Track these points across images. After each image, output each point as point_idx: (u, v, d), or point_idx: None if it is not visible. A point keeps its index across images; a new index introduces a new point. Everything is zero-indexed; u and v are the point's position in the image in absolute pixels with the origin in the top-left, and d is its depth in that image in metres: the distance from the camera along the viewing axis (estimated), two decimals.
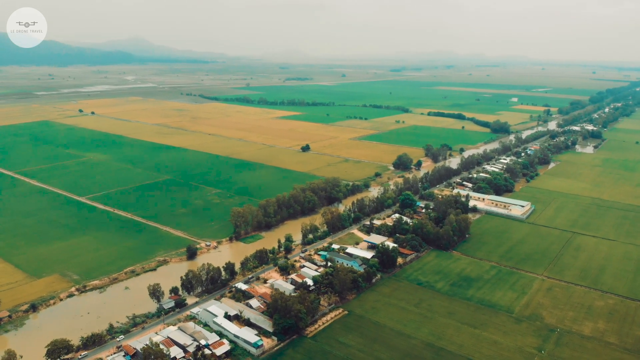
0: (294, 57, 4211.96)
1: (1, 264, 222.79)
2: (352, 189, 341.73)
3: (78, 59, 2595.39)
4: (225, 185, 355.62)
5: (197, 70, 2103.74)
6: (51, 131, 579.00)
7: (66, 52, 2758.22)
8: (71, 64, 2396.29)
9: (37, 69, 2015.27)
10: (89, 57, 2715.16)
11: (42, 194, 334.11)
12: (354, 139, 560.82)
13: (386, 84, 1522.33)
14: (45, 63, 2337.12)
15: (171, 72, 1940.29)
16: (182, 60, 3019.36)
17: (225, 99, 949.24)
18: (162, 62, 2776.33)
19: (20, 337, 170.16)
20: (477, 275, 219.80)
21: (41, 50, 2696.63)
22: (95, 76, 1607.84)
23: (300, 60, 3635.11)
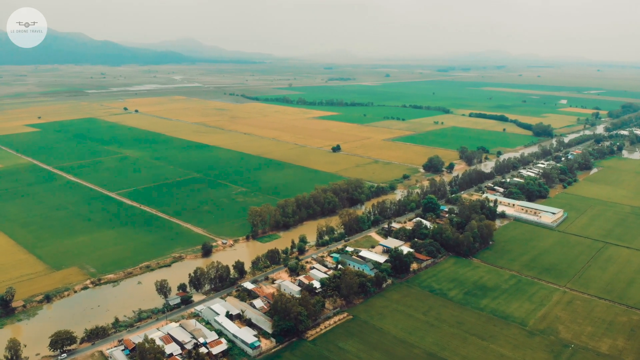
0: (341, 57, 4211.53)
1: (25, 255, 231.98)
2: (377, 191, 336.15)
3: (131, 59, 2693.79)
4: (252, 184, 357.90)
5: (243, 70, 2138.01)
6: (95, 128, 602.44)
7: (120, 52, 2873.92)
8: (124, 63, 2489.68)
9: (92, 67, 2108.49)
10: (142, 57, 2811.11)
11: (75, 188, 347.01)
12: (387, 139, 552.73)
13: (431, 84, 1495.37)
14: (100, 62, 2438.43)
15: (218, 72, 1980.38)
16: (231, 61, 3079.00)
17: (266, 99, 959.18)
18: (211, 63, 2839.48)
19: (30, 327, 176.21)
20: (494, 284, 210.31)
21: (97, 50, 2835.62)
22: (145, 75, 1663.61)
23: (347, 61, 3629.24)
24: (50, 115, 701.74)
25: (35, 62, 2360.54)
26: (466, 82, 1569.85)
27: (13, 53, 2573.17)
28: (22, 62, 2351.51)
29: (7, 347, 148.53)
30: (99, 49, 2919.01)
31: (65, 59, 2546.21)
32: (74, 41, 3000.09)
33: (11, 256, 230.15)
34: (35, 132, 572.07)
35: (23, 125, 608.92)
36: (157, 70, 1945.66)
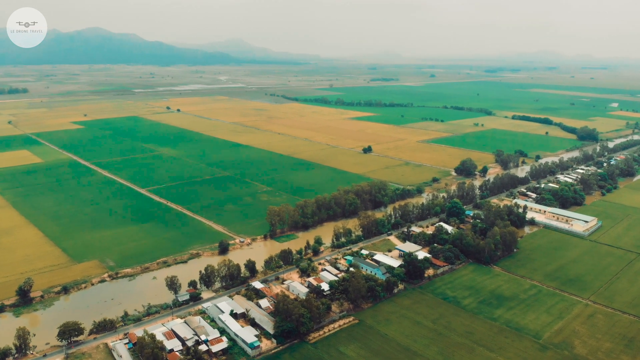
0: (387, 58, 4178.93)
1: (50, 247, 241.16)
2: (402, 194, 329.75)
3: (180, 60, 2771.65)
4: (278, 184, 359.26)
5: (287, 71, 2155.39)
6: (136, 126, 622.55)
7: (170, 53, 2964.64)
8: (174, 64, 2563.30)
9: (142, 67, 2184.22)
10: (191, 58, 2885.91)
11: (109, 184, 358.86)
12: (422, 141, 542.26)
13: (477, 85, 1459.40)
14: (150, 62, 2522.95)
15: (263, 73, 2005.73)
16: (277, 62, 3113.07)
17: (305, 100, 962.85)
18: (257, 64, 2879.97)
19: (45, 317, 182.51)
20: (512, 294, 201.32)
21: (148, 51, 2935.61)
22: (192, 76, 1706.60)
23: (393, 61, 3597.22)
24: (96, 113, 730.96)
25: (90, 61, 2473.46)
26: (514, 84, 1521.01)
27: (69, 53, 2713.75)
28: (77, 61, 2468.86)
29: (17, 336, 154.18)
30: (151, 50, 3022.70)
31: (118, 59, 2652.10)
32: (127, 42, 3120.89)
33: (38, 248, 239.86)
34: (80, 129, 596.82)
35: (69, 122, 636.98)
36: (204, 71, 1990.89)
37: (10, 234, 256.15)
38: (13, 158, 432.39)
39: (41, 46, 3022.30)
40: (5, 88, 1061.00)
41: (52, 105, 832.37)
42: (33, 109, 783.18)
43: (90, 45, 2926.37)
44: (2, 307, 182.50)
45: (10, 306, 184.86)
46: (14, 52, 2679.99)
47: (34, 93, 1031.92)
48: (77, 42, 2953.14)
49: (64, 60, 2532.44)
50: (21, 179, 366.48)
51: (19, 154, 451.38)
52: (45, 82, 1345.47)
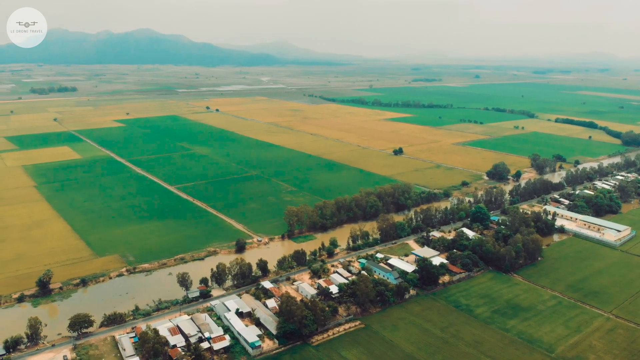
0: (431, 58, 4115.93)
1: (76, 241, 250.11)
2: (427, 197, 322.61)
3: (226, 60, 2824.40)
4: (303, 184, 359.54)
5: (329, 72, 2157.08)
6: (175, 125, 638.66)
7: (216, 54, 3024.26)
8: (219, 64, 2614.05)
9: (189, 68, 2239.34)
10: (236, 59, 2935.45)
11: (140, 181, 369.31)
12: (457, 143, 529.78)
13: (523, 86, 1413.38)
14: (196, 63, 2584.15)
15: (304, 74, 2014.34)
16: (320, 63, 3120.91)
17: (342, 100, 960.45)
18: (300, 65, 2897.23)
19: (61, 308, 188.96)
20: (529, 304, 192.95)
21: (195, 52, 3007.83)
22: (235, 76, 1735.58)
23: (438, 62, 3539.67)
24: (138, 111, 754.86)
25: (139, 62, 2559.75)
26: (562, 86, 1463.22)
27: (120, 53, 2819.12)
28: (127, 61, 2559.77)
29: (28, 325, 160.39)
30: (198, 51, 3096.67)
31: (166, 59, 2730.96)
32: (175, 43, 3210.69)
33: (64, 241, 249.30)
34: (121, 127, 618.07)
35: (111, 121, 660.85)
36: (247, 72, 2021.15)
37: (41, 226, 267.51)
38: (54, 154, 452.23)
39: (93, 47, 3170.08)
40: (55, 86, 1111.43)
41: (97, 103, 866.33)
42: (79, 107, 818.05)
43: (140, 46, 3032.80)
44: (22, 297, 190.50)
45: (29, 296, 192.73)
46: (68, 52, 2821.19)
47: (82, 92, 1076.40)
48: (128, 43, 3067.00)
49: (115, 60, 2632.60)
50: (58, 174, 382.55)
51: (59, 150, 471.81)
52: (94, 81, 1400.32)
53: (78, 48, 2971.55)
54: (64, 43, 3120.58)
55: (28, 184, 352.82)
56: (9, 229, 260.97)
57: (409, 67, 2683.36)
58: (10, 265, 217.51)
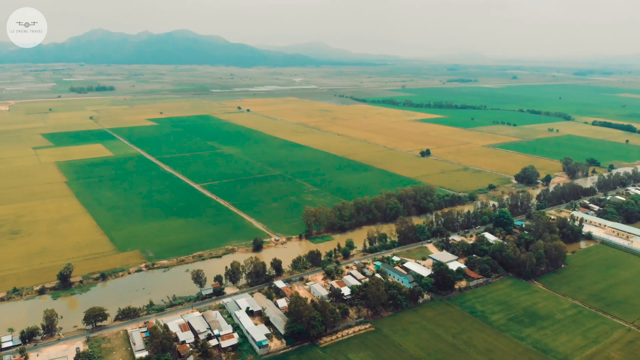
0: (468, 58, 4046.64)
1: (100, 236, 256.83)
2: (451, 200, 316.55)
3: (261, 61, 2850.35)
4: (325, 184, 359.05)
5: (362, 72, 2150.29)
6: (205, 124, 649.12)
7: (252, 55, 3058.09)
8: (254, 65, 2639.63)
9: (225, 68, 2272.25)
10: (271, 60, 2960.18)
11: (167, 178, 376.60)
12: (487, 146, 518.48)
13: (561, 88, 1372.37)
14: (232, 64, 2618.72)
15: (338, 74, 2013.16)
16: (354, 63, 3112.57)
17: (373, 101, 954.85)
18: (335, 65, 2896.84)
19: (80, 301, 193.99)
20: (547, 312, 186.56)
21: (231, 53, 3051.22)
22: (269, 77, 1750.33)
23: (475, 62, 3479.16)
24: (172, 111, 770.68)
25: (177, 62, 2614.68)
26: (602, 88, 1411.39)
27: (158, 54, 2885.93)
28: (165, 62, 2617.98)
29: (44, 317, 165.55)
30: (234, 52, 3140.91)
31: (203, 60, 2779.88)
32: (212, 44, 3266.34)
33: (88, 236, 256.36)
34: (153, 125, 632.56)
35: (145, 119, 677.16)
36: (281, 73, 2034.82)
37: (68, 221, 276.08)
38: (87, 151, 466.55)
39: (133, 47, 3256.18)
40: (94, 85, 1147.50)
41: (133, 102, 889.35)
42: (115, 105, 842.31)
43: (178, 46, 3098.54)
44: (43, 290, 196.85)
45: (50, 289, 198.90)
46: (109, 52, 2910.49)
47: (119, 91, 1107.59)
48: (166, 44, 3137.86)
49: (153, 60, 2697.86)
50: (89, 170, 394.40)
51: (92, 147, 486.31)
52: (132, 80, 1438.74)
53: (118, 48, 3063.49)
54: (106, 43, 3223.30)
55: (59, 179, 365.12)
56: (37, 223, 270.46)
57: (445, 67, 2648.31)
58: (35, 258, 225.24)
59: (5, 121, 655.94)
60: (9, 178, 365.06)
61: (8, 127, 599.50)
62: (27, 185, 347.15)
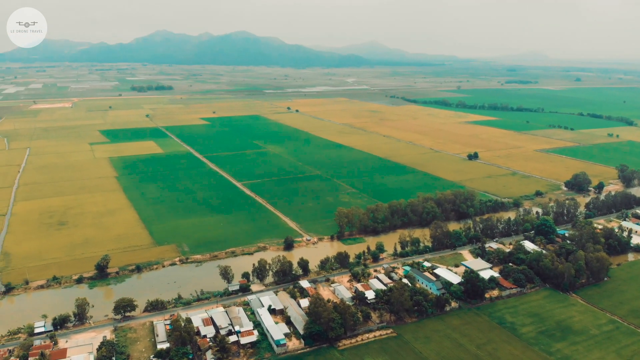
0: (530, 59, 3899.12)
1: (141, 229, 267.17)
2: (494, 206, 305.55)
3: (316, 62, 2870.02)
4: (364, 186, 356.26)
5: (418, 73, 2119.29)
6: (254, 124, 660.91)
7: (307, 56, 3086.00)
8: (309, 66, 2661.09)
9: (280, 69, 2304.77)
10: (326, 60, 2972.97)
11: (211, 175, 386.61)
12: (540, 150, 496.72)
13: (628, 91, 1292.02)
14: (288, 65, 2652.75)
15: (391, 75, 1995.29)
16: (410, 64, 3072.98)
17: (424, 102, 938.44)
18: (389, 65, 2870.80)
19: (114, 291, 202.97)
20: (582, 327, 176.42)
21: (288, 54, 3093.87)
22: (322, 78, 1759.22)
23: (537, 63, 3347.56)
24: (224, 110, 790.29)
25: (234, 63, 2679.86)
26: None
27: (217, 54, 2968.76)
28: (224, 62, 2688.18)
29: (76, 305, 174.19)
30: (290, 53, 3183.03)
31: (260, 61, 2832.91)
32: (269, 45, 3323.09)
33: (130, 229, 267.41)
34: (205, 124, 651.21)
35: (198, 118, 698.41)
36: (334, 73, 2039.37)
37: (113, 215, 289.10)
38: (139, 148, 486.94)
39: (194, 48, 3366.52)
40: (154, 85, 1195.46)
41: (188, 102, 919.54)
42: (172, 104, 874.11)
43: (236, 47, 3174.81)
44: (81, 279, 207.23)
45: (87, 278, 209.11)
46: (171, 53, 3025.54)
47: (177, 90, 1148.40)
48: (225, 45, 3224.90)
49: (213, 61, 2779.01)
50: (139, 166, 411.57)
51: (145, 144, 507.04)
52: (190, 80, 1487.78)
53: (180, 49, 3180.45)
54: (169, 44, 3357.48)
55: (110, 174, 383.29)
56: (84, 215, 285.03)
57: (504, 68, 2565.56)
58: (77, 249, 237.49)
59: (67, 117, 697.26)
60: (64, 171, 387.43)
61: (69, 124, 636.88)
62: (80, 179, 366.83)
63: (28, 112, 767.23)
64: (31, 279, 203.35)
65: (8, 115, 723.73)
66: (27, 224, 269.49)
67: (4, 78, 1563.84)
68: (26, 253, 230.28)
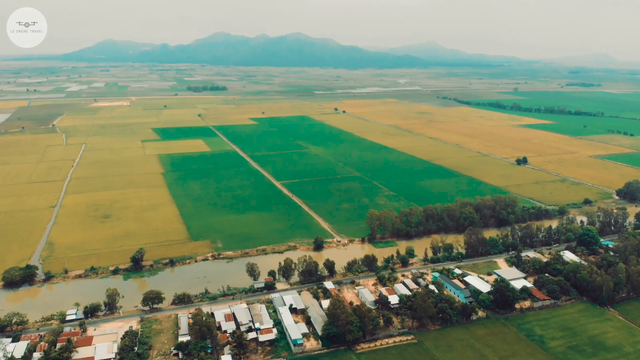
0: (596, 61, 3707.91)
1: (179, 225, 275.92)
2: (537, 214, 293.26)
3: (369, 63, 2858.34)
4: (404, 189, 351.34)
5: (474, 74, 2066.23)
6: (300, 125, 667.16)
7: (361, 57, 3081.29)
8: (362, 67, 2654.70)
9: (332, 71, 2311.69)
10: (380, 61, 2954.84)
11: (252, 174, 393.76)
12: (595, 156, 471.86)
13: None
14: (341, 66, 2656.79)
15: (446, 75, 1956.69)
16: (467, 64, 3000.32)
17: (477, 104, 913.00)
18: (445, 66, 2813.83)
19: (146, 283, 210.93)
20: (615, 344, 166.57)
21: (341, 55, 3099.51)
22: (374, 79, 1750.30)
23: (603, 65, 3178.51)
24: (273, 111, 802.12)
25: (289, 64, 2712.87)
26: None
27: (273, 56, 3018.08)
28: (279, 64, 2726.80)
29: (107, 295, 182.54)
30: (344, 54, 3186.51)
31: (314, 62, 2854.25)
32: (324, 46, 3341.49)
33: (169, 224, 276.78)
34: (253, 124, 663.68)
35: (247, 118, 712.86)
36: (387, 74, 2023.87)
37: (154, 209, 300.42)
38: (188, 146, 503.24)
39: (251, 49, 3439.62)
40: (209, 85, 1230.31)
41: (240, 102, 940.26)
42: (224, 104, 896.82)
43: (291, 49, 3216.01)
44: (117, 270, 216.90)
45: (123, 270, 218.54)
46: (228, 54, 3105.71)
47: (231, 91, 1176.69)
48: (280, 46, 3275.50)
49: (268, 62, 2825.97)
50: (186, 164, 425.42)
51: (194, 142, 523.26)
52: (244, 81, 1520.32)
53: (237, 50, 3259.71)
54: (226, 45, 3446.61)
55: (157, 170, 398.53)
56: (128, 209, 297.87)
57: (567, 70, 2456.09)
58: (117, 241, 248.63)
59: (123, 115, 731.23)
60: (114, 167, 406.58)
61: (125, 121, 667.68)
62: (128, 174, 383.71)
63: (88, 109, 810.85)
64: (70, 268, 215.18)
65: (69, 112, 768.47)
66: (73, 216, 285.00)
67: (69, 77, 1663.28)
68: (69, 243, 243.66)
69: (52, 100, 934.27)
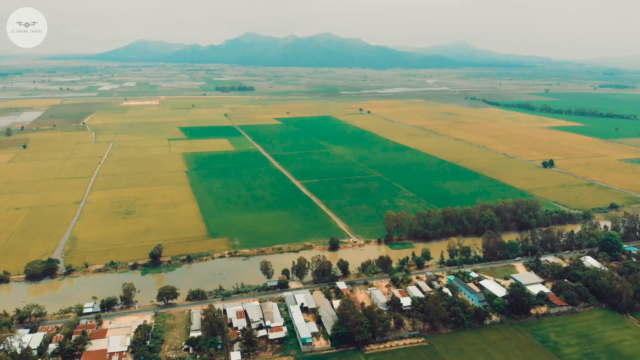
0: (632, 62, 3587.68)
1: (199, 222, 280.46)
2: (560, 218, 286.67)
3: (398, 63, 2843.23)
4: (424, 191, 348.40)
5: (505, 74, 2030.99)
6: (324, 125, 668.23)
7: (389, 57, 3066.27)
8: (391, 67, 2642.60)
9: (360, 71, 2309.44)
10: (409, 61, 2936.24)
11: (273, 174, 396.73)
12: (625, 160, 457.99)
13: None
14: (369, 66, 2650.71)
15: (476, 76, 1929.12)
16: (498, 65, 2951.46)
17: (506, 105, 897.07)
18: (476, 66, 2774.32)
19: (163, 278, 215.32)
20: (632, 352, 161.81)
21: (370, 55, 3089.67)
22: (402, 79, 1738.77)
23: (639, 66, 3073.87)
24: (298, 111, 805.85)
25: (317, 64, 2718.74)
26: None
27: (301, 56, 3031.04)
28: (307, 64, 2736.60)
29: (123, 289, 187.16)
30: (372, 54, 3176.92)
31: (342, 62, 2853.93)
32: (352, 46, 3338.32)
33: (189, 221, 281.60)
34: (277, 124, 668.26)
35: (272, 118, 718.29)
36: (415, 74, 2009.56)
37: (176, 207, 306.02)
38: (213, 145, 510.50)
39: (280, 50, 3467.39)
40: (236, 85, 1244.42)
41: (267, 102, 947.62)
42: (250, 104, 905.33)
43: (320, 49, 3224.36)
44: (135, 265, 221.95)
45: (142, 265, 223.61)
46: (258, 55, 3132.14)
47: (258, 91, 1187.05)
48: (309, 47, 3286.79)
49: (297, 63, 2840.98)
50: (209, 162, 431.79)
51: (219, 142, 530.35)
52: (272, 82, 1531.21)
53: (267, 51, 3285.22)
54: (256, 46, 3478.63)
55: (181, 168, 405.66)
56: (151, 206, 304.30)
57: (601, 71, 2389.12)
58: (138, 237, 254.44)
59: (152, 114, 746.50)
60: (140, 165, 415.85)
61: (153, 120, 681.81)
62: (153, 172, 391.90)
63: (118, 108, 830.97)
64: (91, 262, 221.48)
65: (100, 110, 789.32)
66: (97, 211, 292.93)
67: (102, 76, 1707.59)
68: (91, 238, 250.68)
69: (84, 99, 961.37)
